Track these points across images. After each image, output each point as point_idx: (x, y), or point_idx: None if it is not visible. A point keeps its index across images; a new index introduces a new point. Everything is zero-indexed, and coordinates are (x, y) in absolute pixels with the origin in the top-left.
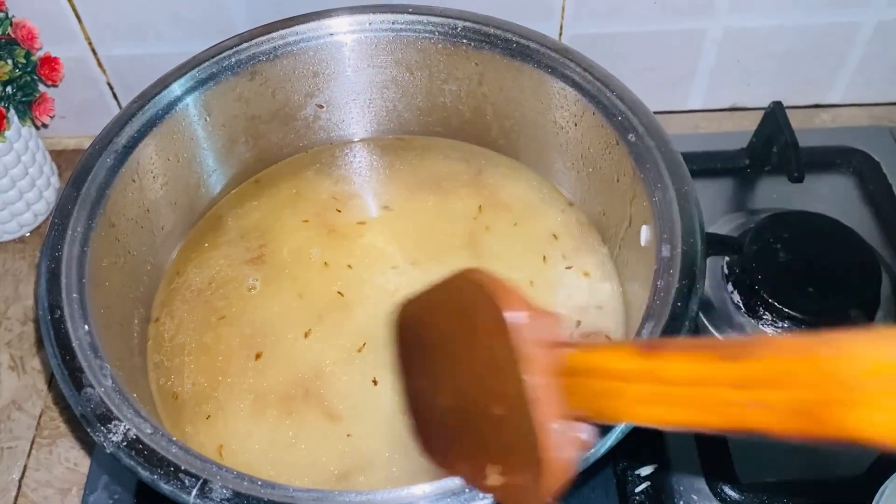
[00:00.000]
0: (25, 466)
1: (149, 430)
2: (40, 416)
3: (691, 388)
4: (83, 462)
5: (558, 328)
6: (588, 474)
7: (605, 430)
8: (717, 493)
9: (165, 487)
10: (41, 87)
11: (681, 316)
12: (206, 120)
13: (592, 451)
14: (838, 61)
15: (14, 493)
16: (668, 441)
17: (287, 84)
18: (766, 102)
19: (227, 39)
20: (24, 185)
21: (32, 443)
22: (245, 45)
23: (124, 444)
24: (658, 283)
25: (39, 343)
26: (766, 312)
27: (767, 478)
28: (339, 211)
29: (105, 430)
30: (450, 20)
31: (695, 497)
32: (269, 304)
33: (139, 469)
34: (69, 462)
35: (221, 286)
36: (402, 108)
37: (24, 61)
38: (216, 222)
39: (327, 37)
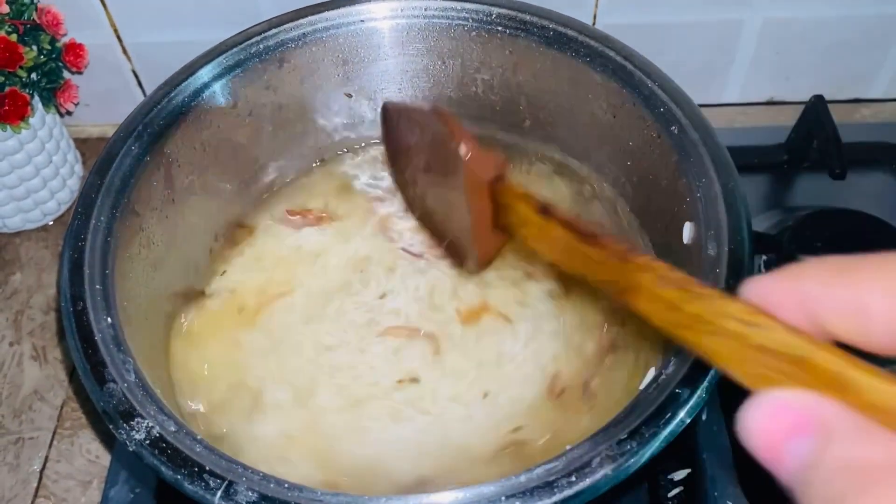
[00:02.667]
0: (47, 458)
1: (172, 428)
2: (62, 407)
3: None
4: (104, 454)
5: (494, 167)
6: (622, 483)
7: (644, 440)
8: (754, 500)
9: (189, 488)
10: (66, 74)
11: None
12: (232, 108)
13: (632, 460)
14: (881, 55)
15: (35, 485)
16: (703, 445)
17: (316, 72)
18: (804, 96)
19: (255, 25)
20: (48, 173)
21: (54, 434)
22: (273, 30)
23: (147, 442)
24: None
25: (61, 333)
26: None
27: None
28: (373, 200)
29: (128, 428)
30: (484, 7)
31: (729, 503)
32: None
33: (162, 468)
34: (90, 454)
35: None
36: (433, 98)
37: (49, 47)
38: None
39: (358, 23)
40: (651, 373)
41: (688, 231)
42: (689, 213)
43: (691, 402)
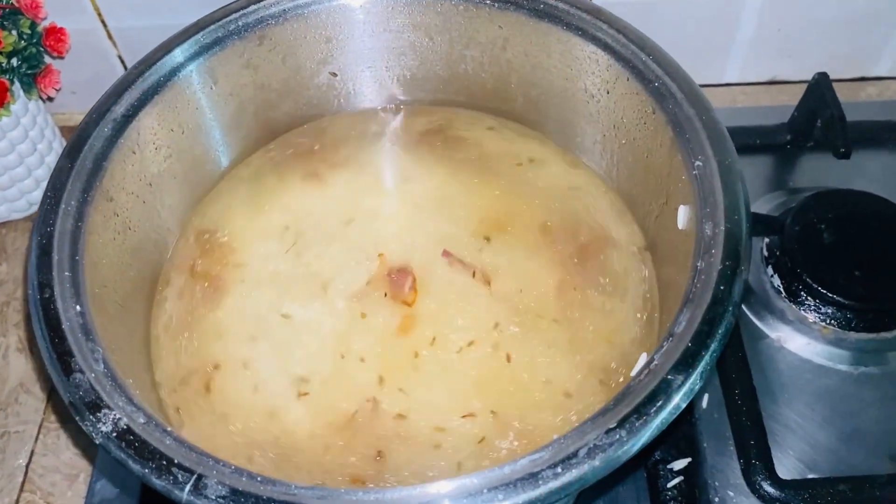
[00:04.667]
0: (33, 451)
1: (141, 420)
2: (48, 400)
3: None
4: (91, 448)
5: None
6: (617, 470)
7: (634, 430)
8: (755, 490)
9: (157, 483)
10: (46, 59)
11: (723, 300)
12: (211, 88)
13: (621, 451)
14: (886, 31)
15: (21, 479)
16: (703, 433)
17: (298, 50)
18: (807, 75)
19: (234, 2)
20: (33, 161)
21: (40, 427)
22: (252, 7)
23: (114, 434)
24: (698, 264)
25: None
26: (809, 297)
27: (808, 474)
28: (356, 180)
29: (94, 420)
30: None
31: (731, 493)
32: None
33: (129, 462)
34: (77, 448)
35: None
36: (422, 76)
37: (29, 32)
38: (226, 194)
39: None
40: (643, 358)
41: (682, 215)
42: (685, 192)
43: (684, 389)
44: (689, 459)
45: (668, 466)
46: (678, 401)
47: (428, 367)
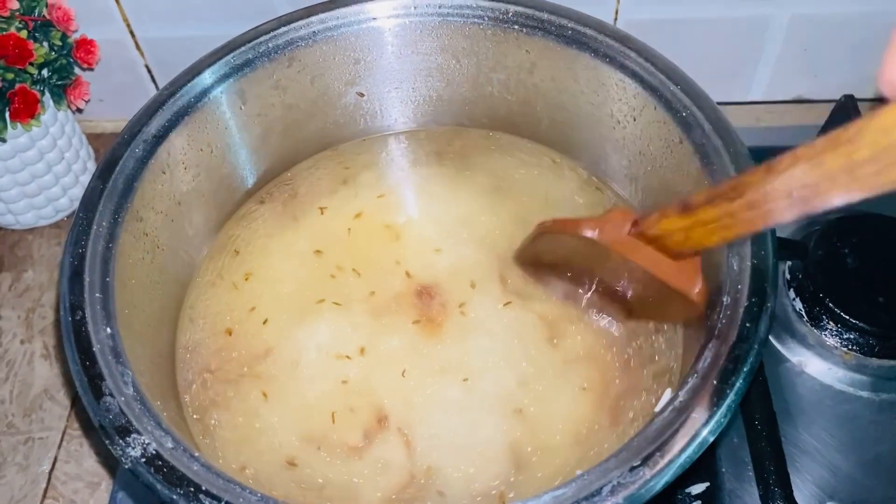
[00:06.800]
0: (56, 458)
1: (170, 445)
2: (72, 407)
3: (723, 219)
4: (113, 457)
5: (624, 220)
6: None
7: (659, 468)
8: None
9: None
10: (77, 71)
11: (749, 338)
12: (240, 108)
13: (645, 489)
14: None
15: (44, 486)
16: (721, 458)
17: (326, 71)
18: (833, 95)
19: (264, 23)
20: (60, 169)
21: (63, 434)
22: (283, 29)
23: (143, 459)
24: (724, 299)
25: None
26: (831, 322)
27: (827, 501)
28: (383, 200)
29: (123, 444)
30: (500, 4)
31: None
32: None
33: (158, 487)
34: (99, 455)
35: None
36: (448, 98)
37: (60, 44)
38: (253, 214)
39: (369, 21)
40: (667, 394)
41: None
42: None
43: (709, 427)
44: (707, 484)
45: (686, 491)
46: (703, 439)
47: (450, 387)
